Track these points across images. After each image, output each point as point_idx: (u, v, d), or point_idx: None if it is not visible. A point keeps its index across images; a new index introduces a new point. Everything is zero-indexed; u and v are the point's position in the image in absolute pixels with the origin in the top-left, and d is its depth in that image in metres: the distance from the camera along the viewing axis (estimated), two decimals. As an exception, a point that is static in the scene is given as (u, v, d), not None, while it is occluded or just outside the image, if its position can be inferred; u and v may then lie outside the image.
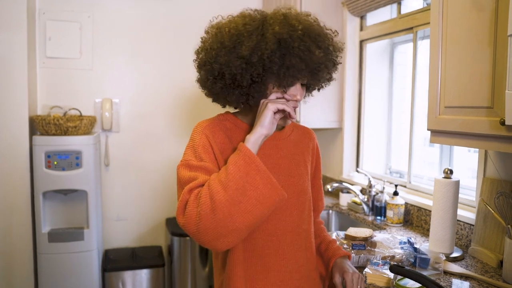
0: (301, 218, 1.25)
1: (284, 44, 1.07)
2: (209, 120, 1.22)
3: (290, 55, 1.07)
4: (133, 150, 3.09)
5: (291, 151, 1.27)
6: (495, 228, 1.66)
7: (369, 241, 1.76)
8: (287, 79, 1.11)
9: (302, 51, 1.08)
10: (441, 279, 1.50)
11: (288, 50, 1.07)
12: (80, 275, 2.66)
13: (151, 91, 3.06)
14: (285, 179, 1.22)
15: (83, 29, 2.89)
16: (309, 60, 1.09)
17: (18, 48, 2.54)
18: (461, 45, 1.38)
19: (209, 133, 1.16)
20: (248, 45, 1.08)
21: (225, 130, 1.19)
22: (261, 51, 1.07)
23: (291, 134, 1.30)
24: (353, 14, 2.71)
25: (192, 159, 1.12)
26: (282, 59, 1.08)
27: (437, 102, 1.49)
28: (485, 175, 1.78)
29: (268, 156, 1.20)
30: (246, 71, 1.09)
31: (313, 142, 1.37)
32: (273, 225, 1.19)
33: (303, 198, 1.26)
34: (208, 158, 1.12)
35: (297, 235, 1.24)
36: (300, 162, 1.28)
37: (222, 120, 1.23)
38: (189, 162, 1.11)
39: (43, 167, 2.54)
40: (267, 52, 1.07)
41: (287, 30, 1.08)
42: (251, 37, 1.08)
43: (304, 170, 1.29)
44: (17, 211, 2.57)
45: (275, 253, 1.20)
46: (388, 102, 2.75)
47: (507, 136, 1.21)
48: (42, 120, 2.54)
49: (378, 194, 2.36)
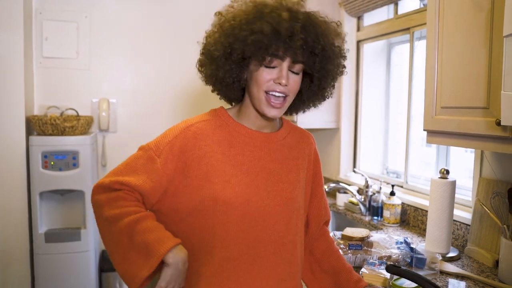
0: (287, 228, 1.13)
1: (258, 12, 1.03)
2: (198, 117, 1.16)
3: (259, 20, 1.02)
4: (130, 151, 3.03)
5: (284, 155, 1.17)
6: (491, 228, 1.67)
7: (365, 241, 1.77)
8: (256, 45, 1.01)
9: (272, 16, 1.01)
10: (438, 279, 1.51)
11: (259, 16, 1.02)
12: (77, 275, 2.65)
13: (148, 91, 3.06)
14: (273, 185, 1.12)
15: (80, 29, 2.88)
16: (278, 24, 1.00)
17: (14, 48, 2.53)
18: (457, 46, 1.39)
19: (191, 136, 1.09)
20: (227, 18, 1.07)
21: (213, 130, 1.12)
22: (234, 20, 1.05)
23: (286, 137, 1.20)
24: (350, 14, 2.72)
25: (153, 149, 1.09)
26: (252, 25, 1.02)
27: (433, 102, 1.50)
28: (481, 175, 1.78)
29: (258, 159, 1.12)
30: (219, 43, 1.06)
31: (310, 147, 1.26)
32: (253, 233, 1.08)
33: (291, 206, 1.15)
34: (162, 164, 1.07)
35: (281, 246, 1.12)
36: (292, 168, 1.18)
37: (212, 116, 1.15)
38: (149, 154, 1.09)
39: (40, 167, 2.54)
40: (239, 21, 1.04)
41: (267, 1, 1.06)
42: (230, 12, 1.08)
43: (296, 177, 1.18)
44: (14, 211, 2.56)
45: (252, 264, 1.08)
46: (385, 102, 2.76)
47: (503, 136, 1.22)
48: (38, 120, 2.53)
49: (375, 194, 2.36)
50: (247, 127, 1.14)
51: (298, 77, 1.09)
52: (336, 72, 1.15)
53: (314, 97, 1.19)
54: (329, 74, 1.13)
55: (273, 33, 1.00)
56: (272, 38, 1.01)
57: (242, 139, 1.12)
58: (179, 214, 1.10)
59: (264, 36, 1.00)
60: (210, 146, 1.09)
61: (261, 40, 1.01)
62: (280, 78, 1.04)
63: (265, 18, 1.01)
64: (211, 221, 1.06)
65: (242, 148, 1.12)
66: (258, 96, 1.08)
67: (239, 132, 1.13)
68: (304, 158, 1.23)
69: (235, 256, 1.07)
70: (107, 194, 1.08)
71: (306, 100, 1.19)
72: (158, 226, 1.04)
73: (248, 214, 1.07)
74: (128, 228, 1.02)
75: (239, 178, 1.09)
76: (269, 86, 1.06)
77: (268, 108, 1.08)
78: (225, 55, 1.06)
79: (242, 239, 1.08)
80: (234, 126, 1.14)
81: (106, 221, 1.07)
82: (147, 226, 1.02)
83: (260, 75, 1.05)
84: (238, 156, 1.10)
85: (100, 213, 1.08)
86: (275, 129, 1.20)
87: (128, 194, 1.06)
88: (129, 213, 1.03)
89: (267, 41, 1.01)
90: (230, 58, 1.06)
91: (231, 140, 1.11)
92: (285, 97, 1.08)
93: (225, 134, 1.12)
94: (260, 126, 1.16)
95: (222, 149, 1.10)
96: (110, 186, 1.07)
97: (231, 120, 1.15)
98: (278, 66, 1.05)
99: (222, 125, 1.13)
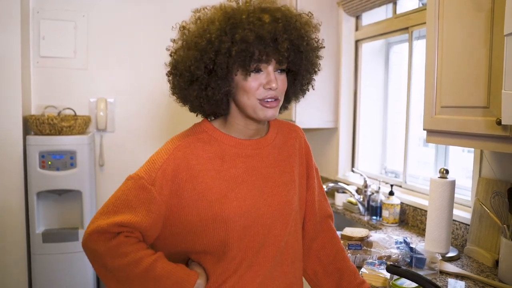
0: (285, 231, 1.12)
1: (232, 19, 0.98)
2: (185, 135, 1.10)
3: (239, 28, 0.97)
4: (128, 150, 3.07)
5: (276, 157, 1.15)
6: (490, 228, 1.67)
7: (365, 241, 1.76)
8: (241, 55, 0.97)
9: (251, 22, 0.97)
10: (437, 279, 1.51)
11: (237, 24, 0.97)
12: (74, 275, 2.64)
13: (146, 90, 3.05)
14: (269, 191, 1.10)
15: (78, 28, 2.87)
16: (260, 29, 0.96)
17: (11, 47, 2.52)
18: (457, 45, 1.38)
19: (182, 157, 1.04)
20: (196, 32, 1.02)
21: (202, 147, 1.07)
22: (209, 33, 0.98)
23: (276, 138, 1.17)
24: (348, 14, 2.71)
25: (144, 178, 1.02)
26: (232, 35, 0.97)
27: (433, 102, 1.50)
28: (481, 175, 1.78)
29: (251, 169, 1.09)
30: (200, 61, 0.99)
31: (300, 141, 1.23)
32: (251, 236, 1.07)
33: (288, 209, 1.13)
34: (158, 191, 1.01)
35: (278, 249, 1.10)
36: (285, 169, 1.16)
37: (198, 132, 1.10)
38: (141, 183, 1.01)
39: (37, 167, 2.52)
40: (215, 32, 0.98)
41: (235, 5, 1.02)
42: (199, 25, 1.03)
43: (290, 178, 1.16)
44: (11, 211, 2.55)
45: (249, 268, 1.07)
46: (384, 102, 2.76)
47: (503, 136, 1.22)
48: (36, 119, 2.52)
49: (374, 194, 2.36)
50: (236, 137, 1.11)
51: (284, 76, 1.06)
52: (318, 64, 1.14)
53: (299, 92, 1.17)
54: (314, 68, 1.13)
55: (257, 39, 0.96)
56: (257, 45, 0.97)
57: (233, 151, 1.09)
58: (178, 236, 1.07)
59: (248, 44, 0.96)
60: (202, 165, 1.05)
61: (246, 49, 0.96)
62: (269, 82, 1.01)
63: (244, 25, 0.97)
64: (212, 239, 1.04)
65: (234, 160, 1.08)
66: (250, 103, 1.03)
67: (229, 144, 1.09)
68: (295, 154, 1.20)
69: (232, 262, 1.06)
70: (105, 243, 0.99)
71: (292, 96, 1.17)
72: (170, 269, 1.01)
73: (248, 225, 1.06)
74: (140, 279, 0.98)
75: (236, 191, 1.06)
76: (261, 93, 1.02)
77: (264, 111, 1.04)
78: (208, 71, 1.01)
79: (243, 250, 1.07)
80: (223, 138, 1.10)
81: (110, 272, 1.01)
82: (160, 273, 0.99)
83: (248, 83, 1.01)
84: (231, 170, 1.07)
85: (102, 264, 1.01)
86: (263, 133, 1.17)
87: (129, 238, 1.00)
88: (135, 261, 0.98)
89: (252, 49, 0.97)
90: (215, 73, 1.00)
91: (222, 155, 1.08)
92: (278, 98, 1.05)
93: (215, 149, 1.08)
94: (249, 135, 1.12)
95: (214, 165, 1.06)
96: (107, 230, 1.00)
97: (218, 132, 1.10)
98: (264, 70, 1.02)
99: (210, 140, 1.09)
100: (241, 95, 1.04)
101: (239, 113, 1.09)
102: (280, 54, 1.00)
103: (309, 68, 1.11)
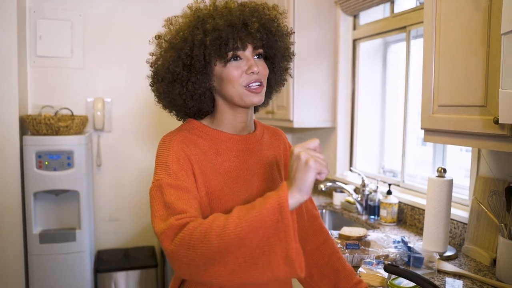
0: None
1: (201, 14, 1.04)
2: (176, 131, 1.11)
3: (209, 19, 1.02)
4: (125, 150, 3.07)
5: (264, 154, 1.17)
6: (488, 227, 1.67)
7: (363, 240, 1.76)
8: (215, 44, 1.00)
9: (219, 12, 1.03)
10: (435, 278, 1.50)
11: (206, 16, 1.03)
12: (72, 276, 2.63)
13: (143, 90, 3.02)
14: (260, 186, 1.11)
15: (75, 27, 2.86)
16: (229, 15, 1.01)
17: (8, 47, 2.51)
18: (455, 44, 1.38)
19: (183, 144, 1.05)
20: (170, 35, 1.07)
21: (196, 139, 1.08)
22: (182, 31, 1.04)
23: (263, 136, 1.19)
24: (346, 13, 2.71)
25: (165, 177, 0.98)
26: (203, 26, 1.01)
27: (430, 101, 1.49)
28: (478, 174, 1.78)
29: (243, 163, 1.11)
30: (178, 59, 1.03)
31: (284, 143, 1.27)
32: None
33: None
34: (184, 175, 0.99)
35: None
36: (273, 166, 1.17)
37: (190, 129, 1.11)
38: (162, 182, 0.97)
39: (34, 167, 2.52)
40: (187, 29, 1.03)
41: (202, 5, 1.07)
42: (172, 28, 1.09)
43: (279, 176, 1.18)
44: (8, 212, 2.54)
45: None
46: (381, 101, 2.76)
47: (501, 134, 1.21)
48: (33, 119, 2.51)
49: (372, 193, 2.36)
50: (227, 132, 1.12)
51: (263, 61, 1.09)
52: (291, 50, 1.16)
53: (280, 81, 1.20)
54: (288, 54, 1.15)
55: (228, 25, 1.00)
56: (229, 31, 1.00)
57: (226, 145, 1.10)
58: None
59: (220, 32, 1.00)
60: (199, 156, 1.05)
61: (218, 37, 1.00)
62: (251, 67, 1.03)
63: (213, 15, 1.02)
64: None
65: (227, 154, 1.10)
66: (237, 91, 1.05)
67: (221, 139, 1.11)
68: (281, 155, 1.23)
69: None
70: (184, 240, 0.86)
71: (274, 85, 1.19)
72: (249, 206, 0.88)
73: None
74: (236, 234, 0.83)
75: (231, 186, 1.07)
76: (245, 79, 1.04)
77: (250, 97, 1.05)
78: (187, 67, 1.04)
79: None
80: (214, 134, 1.11)
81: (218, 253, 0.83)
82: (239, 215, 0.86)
83: (230, 72, 1.04)
84: (225, 163, 1.08)
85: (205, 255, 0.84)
86: (251, 130, 1.18)
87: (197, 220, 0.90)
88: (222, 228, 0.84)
89: (225, 36, 1.00)
90: (194, 68, 1.03)
91: (216, 148, 1.09)
92: (261, 82, 1.07)
93: (209, 143, 1.09)
94: (239, 129, 1.13)
95: (209, 158, 1.07)
96: (180, 225, 0.88)
97: (208, 128, 1.11)
98: (243, 57, 1.05)
99: (202, 135, 1.10)
100: (225, 86, 1.06)
101: (226, 106, 1.11)
102: (252, 36, 1.03)
103: (284, 52, 1.14)
